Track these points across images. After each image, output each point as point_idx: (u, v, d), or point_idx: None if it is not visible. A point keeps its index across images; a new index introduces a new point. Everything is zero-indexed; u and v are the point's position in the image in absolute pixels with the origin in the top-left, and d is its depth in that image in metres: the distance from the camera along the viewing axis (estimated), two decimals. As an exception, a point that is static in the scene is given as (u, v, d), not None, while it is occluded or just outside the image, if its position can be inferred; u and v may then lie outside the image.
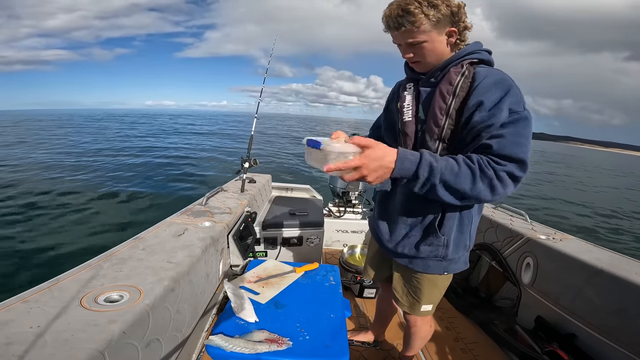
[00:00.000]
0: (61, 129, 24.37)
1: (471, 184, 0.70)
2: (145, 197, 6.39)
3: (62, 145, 13.77)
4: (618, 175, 26.25)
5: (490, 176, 0.69)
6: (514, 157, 0.70)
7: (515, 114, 0.72)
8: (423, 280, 1.00)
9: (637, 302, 1.09)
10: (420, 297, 1.02)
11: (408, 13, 0.75)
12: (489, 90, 0.74)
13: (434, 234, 0.89)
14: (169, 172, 9.02)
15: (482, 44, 0.85)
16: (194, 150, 14.57)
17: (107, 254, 1.02)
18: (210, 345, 0.85)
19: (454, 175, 0.70)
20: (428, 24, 0.77)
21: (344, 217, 2.62)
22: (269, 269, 1.32)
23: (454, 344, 1.55)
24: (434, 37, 0.79)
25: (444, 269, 0.96)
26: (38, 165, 9.13)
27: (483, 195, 0.71)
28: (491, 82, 0.75)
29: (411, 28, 0.77)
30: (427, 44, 0.80)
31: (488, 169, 0.69)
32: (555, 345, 1.31)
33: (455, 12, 0.78)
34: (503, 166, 0.69)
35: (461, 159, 0.72)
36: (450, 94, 0.80)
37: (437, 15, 0.76)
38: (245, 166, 2.06)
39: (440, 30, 0.79)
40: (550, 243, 1.49)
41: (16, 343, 0.60)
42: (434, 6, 0.75)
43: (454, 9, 0.77)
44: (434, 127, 0.82)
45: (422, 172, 0.70)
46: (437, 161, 0.71)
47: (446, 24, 0.79)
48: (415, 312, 1.06)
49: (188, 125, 35.19)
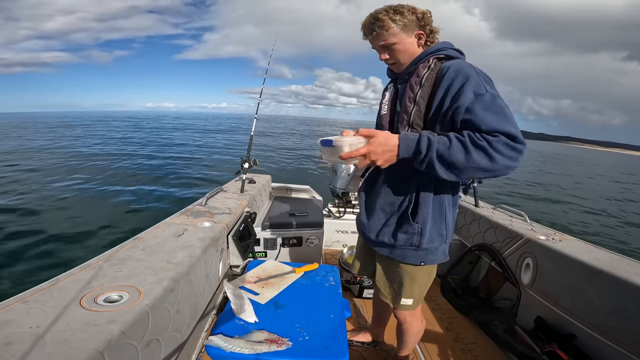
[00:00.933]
0: (70, 128, 24.26)
1: (465, 154, 0.74)
2: (145, 196, 6.39)
3: (57, 147, 13.70)
4: (623, 174, 26.15)
5: (483, 146, 0.73)
6: (498, 130, 0.73)
7: (479, 96, 0.77)
8: (402, 273, 1.03)
9: (637, 303, 1.09)
10: (400, 289, 1.05)
11: (377, 20, 0.89)
12: (452, 79, 0.82)
13: (407, 221, 0.94)
14: (169, 172, 9.03)
15: (452, 44, 0.94)
16: (195, 149, 14.58)
17: (107, 254, 1.02)
18: (210, 345, 0.85)
19: (447, 148, 0.75)
20: (396, 27, 0.89)
21: (344, 217, 2.62)
22: (269, 270, 1.32)
23: (454, 344, 1.55)
24: (403, 39, 0.91)
25: (420, 259, 0.98)
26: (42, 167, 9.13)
27: (482, 163, 0.73)
28: (452, 71, 0.83)
29: (381, 32, 0.90)
30: (398, 46, 0.92)
31: (480, 140, 0.74)
32: (555, 345, 1.31)
33: (421, 18, 0.90)
34: (495, 137, 0.73)
35: (452, 134, 0.77)
36: (417, 84, 0.89)
37: (403, 20, 0.88)
38: (245, 167, 2.06)
39: (408, 33, 0.91)
40: (550, 243, 1.49)
41: (16, 343, 0.60)
42: (400, 13, 0.88)
43: (419, 15, 0.89)
44: (404, 115, 0.92)
45: (423, 146, 0.77)
46: (433, 136, 0.77)
47: (413, 27, 0.91)
48: (397, 305, 1.08)
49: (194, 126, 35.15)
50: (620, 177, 24.86)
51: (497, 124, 0.74)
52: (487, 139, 0.73)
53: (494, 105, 0.76)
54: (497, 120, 0.74)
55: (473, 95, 0.77)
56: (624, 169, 36.20)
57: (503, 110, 0.76)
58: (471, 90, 0.78)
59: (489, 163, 0.73)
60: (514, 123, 0.75)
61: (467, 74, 0.80)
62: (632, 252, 5.54)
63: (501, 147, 0.72)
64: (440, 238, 0.97)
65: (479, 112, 0.75)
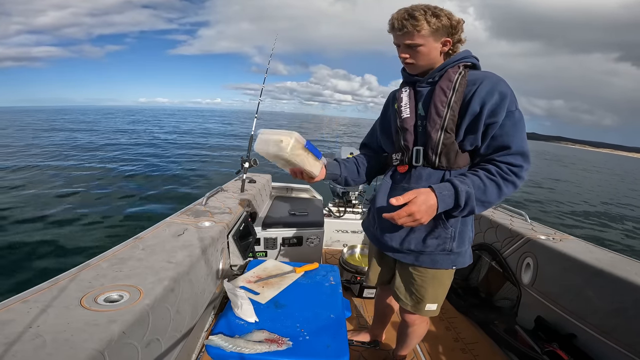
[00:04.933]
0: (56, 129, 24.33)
1: (497, 192, 0.82)
2: (145, 196, 6.39)
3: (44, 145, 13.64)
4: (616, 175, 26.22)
5: (513, 180, 0.82)
6: (520, 151, 0.82)
7: (510, 113, 0.83)
8: (428, 278, 1.00)
9: (637, 303, 1.09)
10: (424, 295, 1.02)
11: (413, 17, 0.84)
12: (490, 93, 0.83)
13: (442, 225, 0.92)
14: (169, 172, 9.03)
15: (471, 52, 0.94)
16: (195, 149, 14.57)
17: (107, 254, 1.02)
18: (210, 345, 0.85)
19: (483, 192, 0.82)
20: (428, 30, 0.86)
21: (344, 217, 2.62)
22: (269, 269, 1.32)
23: (454, 344, 1.55)
24: (430, 43, 0.88)
25: (452, 263, 0.97)
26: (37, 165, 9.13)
27: (508, 194, 0.84)
28: (490, 84, 0.84)
29: (412, 31, 0.86)
30: (423, 48, 0.89)
31: (509, 174, 0.82)
32: (555, 345, 1.31)
33: (454, 25, 0.88)
34: (518, 167, 0.82)
35: (483, 174, 0.83)
36: (450, 89, 0.88)
37: (438, 24, 0.85)
38: (245, 166, 2.06)
39: (437, 38, 0.88)
40: (550, 243, 1.49)
41: (16, 343, 0.60)
42: (437, 16, 0.85)
43: (454, 22, 0.87)
44: (436, 118, 0.89)
45: (462, 201, 0.81)
46: (468, 186, 0.81)
47: (443, 33, 0.88)
48: (420, 312, 1.06)
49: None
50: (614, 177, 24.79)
51: (521, 143, 0.82)
52: (514, 171, 0.82)
53: (521, 124, 0.84)
54: (522, 139, 0.83)
55: (506, 112, 0.82)
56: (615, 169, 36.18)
57: (524, 128, 0.84)
58: (506, 107, 0.82)
59: (513, 190, 0.84)
60: (526, 140, 0.84)
61: (504, 90, 0.83)
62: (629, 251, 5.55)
63: (523, 174, 0.83)
64: (468, 241, 0.98)
65: (509, 131, 0.82)
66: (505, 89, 0.83)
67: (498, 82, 0.84)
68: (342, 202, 2.68)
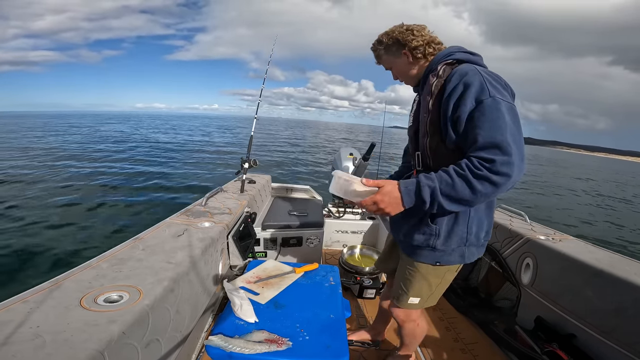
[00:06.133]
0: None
1: (469, 189, 0.74)
2: (144, 197, 6.39)
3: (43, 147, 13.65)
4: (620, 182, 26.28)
5: (486, 175, 0.72)
6: (491, 143, 0.73)
7: (480, 104, 0.77)
8: (415, 271, 1.03)
9: (637, 303, 1.09)
10: (408, 287, 1.06)
11: (373, 51, 1.06)
12: (454, 85, 0.82)
13: (426, 223, 0.95)
14: (169, 172, 9.03)
15: (462, 47, 0.93)
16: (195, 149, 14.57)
17: (107, 254, 1.02)
18: (209, 345, 0.85)
19: (451, 187, 0.75)
20: (384, 54, 1.02)
21: (344, 217, 2.62)
22: (269, 270, 1.32)
23: (454, 344, 1.55)
24: (394, 61, 1.01)
25: (436, 259, 0.99)
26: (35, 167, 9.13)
27: (488, 192, 0.74)
28: (456, 77, 0.83)
29: (379, 61, 1.06)
30: (394, 69, 1.04)
31: (480, 169, 0.73)
32: (555, 345, 1.31)
33: (400, 39, 0.96)
34: (490, 161, 0.72)
35: (452, 169, 0.77)
36: (428, 94, 0.90)
37: (384, 46, 1.00)
38: (245, 167, 2.06)
39: (396, 55, 1.00)
40: (550, 243, 1.49)
41: (16, 343, 0.60)
42: (379, 41, 1.01)
43: (397, 37, 0.96)
44: (422, 124, 0.95)
45: (425, 195, 0.77)
46: (432, 181, 0.77)
47: (397, 49, 0.98)
48: (402, 304, 1.09)
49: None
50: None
51: (492, 134, 0.73)
52: (485, 166, 0.72)
53: (494, 113, 0.75)
54: (493, 129, 0.73)
55: (474, 102, 0.77)
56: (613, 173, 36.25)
57: (502, 117, 0.74)
58: (473, 98, 0.78)
59: (493, 188, 0.73)
60: (510, 131, 0.73)
61: (469, 80, 0.79)
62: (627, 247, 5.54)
63: (500, 168, 0.71)
64: (459, 241, 0.96)
65: (478, 122, 0.76)
66: (471, 79, 0.79)
67: (465, 74, 0.81)
68: (342, 203, 2.68)
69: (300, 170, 10.83)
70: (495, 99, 0.76)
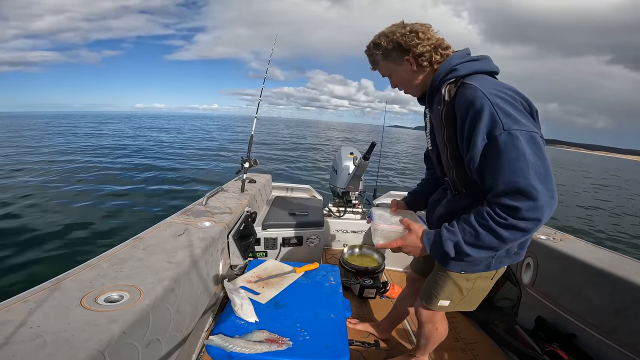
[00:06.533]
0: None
1: (496, 238, 0.70)
2: (144, 196, 6.39)
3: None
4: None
5: (512, 224, 0.67)
6: (513, 188, 0.66)
7: (493, 141, 0.68)
8: (446, 276, 1.03)
9: (637, 302, 1.09)
10: (439, 291, 1.05)
11: (368, 55, 0.92)
12: (463, 120, 0.74)
13: None
14: (169, 171, 9.03)
15: (463, 55, 0.83)
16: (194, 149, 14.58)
17: (107, 254, 1.02)
18: (210, 345, 0.85)
19: (475, 238, 0.72)
20: (381, 60, 0.89)
21: (344, 217, 2.62)
22: (269, 269, 1.32)
23: (454, 344, 1.55)
24: (394, 69, 0.90)
25: (461, 268, 0.98)
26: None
27: (517, 237, 0.69)
28: (462, 108, 0.74)
29: (374, 67, 0.94)
30: (393, 78, 0.92)
31: (504, 219, 0.67)
32: (556, 345, 1.31)
33: (402, 43, 0.83)
34: (513, 209, 0.66)
35: (474, 220, 0.72)
36: (441, 127, 0.84)
37: (383, 51, 0.87)
38: (246, 166, 2.06)
39: (397, 62, 0.87)
40: (550, 243, 1.49)
41: (16, 343, 0.60)
42: (377, 46, 0.87)
43: (399, 40, 0.83)
44: (442, 156, 0.91)
45: (449, 249, 0.76)
46: (455, 234, 0.75)
47: (398, 55, 0.86)
48: (432, 306, 1.08)
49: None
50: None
51: (512, 178, 0.65)
52: (510, 214, 0.66)
53: (512, 151, 0.65)
54: (513, 172, 0.65)
55: (486, 138, 0.69)
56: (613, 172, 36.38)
57: (521, 155, 0.65)
58: (484, 134, 0.69)
59: (522, 234, 0.68)
60: (534, 169, 0.64)
61: (476, 112, 0.70)
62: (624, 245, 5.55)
63: (526, 214, 0.65)
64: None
65: (493, 163, 0.68)
66: (478, 110, 0.69)
67: (471, 103, 0.71)
68: (342, 202, 2.68)
69: (300, 169, 10.82)
70: (511, 133, 0.66)
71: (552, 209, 0.66)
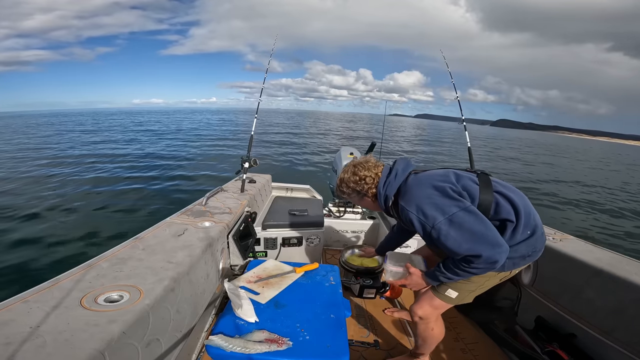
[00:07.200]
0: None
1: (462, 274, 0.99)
2: (144, 195, 6.38)
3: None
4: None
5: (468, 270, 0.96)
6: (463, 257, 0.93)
7: (429, 236, 0.96)
8: None
9: (637, 302, 1.09)
10: (449, 284, 1.12)
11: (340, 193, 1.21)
12: (412, 228, 1.00)
13: None
14: (169, 172, 9.02)
15: (385, 174, 1.09)
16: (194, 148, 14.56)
17: (107, 254, 1.02)
18: (210, 345, 0.85)
19: (452, 273, 1.01)
20: (350, 197, 1.17)
21: (344, 217, 2.62)
22: (269, 269, 1.32)
23: (454, 344, 1.55)
24: (359, 201, 1.17)
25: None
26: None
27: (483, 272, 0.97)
28: (407, 221, 1.00)
29: (347, 198, 1.21)
30: (361, 204, 1.21)
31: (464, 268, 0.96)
32: (556, 345, 1.31)
33: (358, 190, 1.11)
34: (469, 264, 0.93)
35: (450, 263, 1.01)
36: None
37: (346, 195, 1.16)
38: (245, 166, 2.06)
39: (360, 199, 1.15)
40: (550, 243, 1.49)
41: (16, 343, 0.60)
42: (342, 192, 1.17)
43: (355, 188, 1.12)
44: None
45: (442, 279, 1.07)
46: (443, 274, 1.03)
47: (359, 196, 1.14)
48: (439, 293, 1.14)
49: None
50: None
51: (457, 250, 0.92)
52: (467, 266, 0.94)
53: (443, 239, 0.92)
54: (458, 245, 0.91)
55: (425, 236, 0.98)
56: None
57: (450, 237, 0.91)
58: (424, 234, 0.97)
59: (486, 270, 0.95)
60: (466, 240, 0.90)
61: (412, 224, 0.98)
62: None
63: (479, 265, 0.92)
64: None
65: (446, 244, 0.93)
66: (411, 222, 0.98)
67: (407, 219, 0.99)
68: (342, 202, 2.68)
69: (300, 169, 10.81)
70: (435, 227, 0.93)
71: (503, 252, 0.90)
